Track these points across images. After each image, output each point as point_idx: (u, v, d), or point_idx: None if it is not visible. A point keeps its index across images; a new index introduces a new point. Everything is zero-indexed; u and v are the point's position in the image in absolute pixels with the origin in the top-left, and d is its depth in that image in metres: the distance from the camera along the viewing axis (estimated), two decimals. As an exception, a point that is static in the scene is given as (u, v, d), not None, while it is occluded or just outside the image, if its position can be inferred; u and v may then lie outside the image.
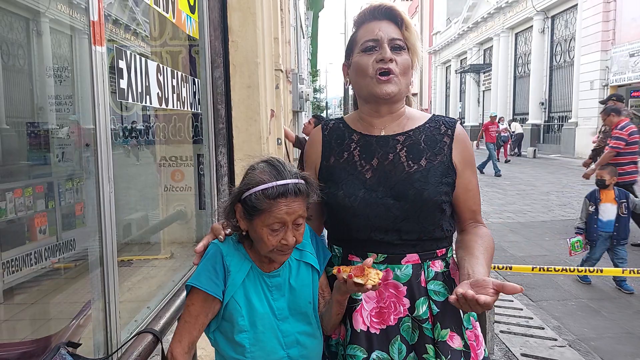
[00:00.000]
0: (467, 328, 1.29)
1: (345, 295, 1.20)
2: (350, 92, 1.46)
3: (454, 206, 1.33)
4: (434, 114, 1.38)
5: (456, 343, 1.23)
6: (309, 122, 5.62)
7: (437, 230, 1.28)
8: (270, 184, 1.11)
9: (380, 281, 1.12)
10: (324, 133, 1.41)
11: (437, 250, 1.30)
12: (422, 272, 1.26)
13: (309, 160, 1.42)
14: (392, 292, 1.26)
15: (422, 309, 1.24)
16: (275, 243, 1.13)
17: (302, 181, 1.16)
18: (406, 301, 1.25)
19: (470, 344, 1.26)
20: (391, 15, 1.29)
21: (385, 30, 1.27)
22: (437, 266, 1.29)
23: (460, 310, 1.27)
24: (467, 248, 1.27)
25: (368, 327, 1.24)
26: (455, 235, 1.39)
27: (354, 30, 1.36)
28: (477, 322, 1.33)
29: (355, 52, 1.31)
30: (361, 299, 1.26)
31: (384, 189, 1.25)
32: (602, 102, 6.85)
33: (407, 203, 1.22)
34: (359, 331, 1.24)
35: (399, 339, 1.23)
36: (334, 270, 1.16)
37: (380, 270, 1.23)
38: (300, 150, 5.69)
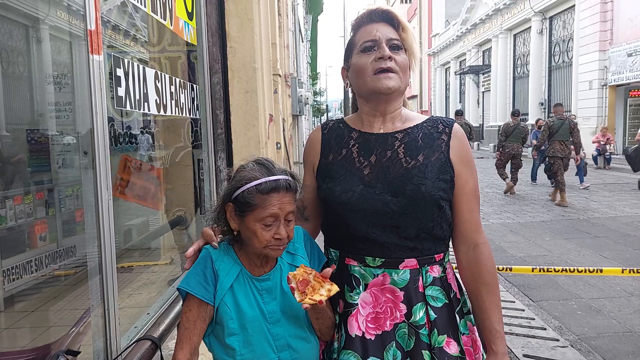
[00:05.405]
0: (464, 333, 1.28)
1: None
2: (350, 94, 1.48)
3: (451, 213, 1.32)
4: (432, 115, 1.41)
5: (453, 349, 1.22)
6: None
7: (437, 227, 1.27)
8: (263, 179, 1.16)
9: (322, 299, 1.09)
10: (323, 132, 1.42)
11: (436, 255, 1.29)
12: (420, 277, 1.25)
13: (308, 160, 1.42)
14: (389, 297, 1.25)
15: (419, 314, 1.23)
16: (269, 238, 1.16)
17: (292, 178, 1.20)
18: (403, 307, 1.24)
19: (466, 349, 1.26)
20: (388, 18, 1.32)
21: (383, 31, 1.29)
22: (435, 271, 1.28)
23: (457, 315, 1.28)
24: (473, 295, 1.31)
25: (363, 332, 1.23)
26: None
27: (352, 34, 1.38)
28: (475, 327, 1.32)
29: (354, 53, 1.33)
30: (357, 304, 1.25)
31: (382, 185, 1.25)
32: None
33: (405, 198, 1.22)
34: (353, 336, 1.23)
35: (394, 345, 1.22)
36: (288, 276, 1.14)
37: (377, 274, 1.24)
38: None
